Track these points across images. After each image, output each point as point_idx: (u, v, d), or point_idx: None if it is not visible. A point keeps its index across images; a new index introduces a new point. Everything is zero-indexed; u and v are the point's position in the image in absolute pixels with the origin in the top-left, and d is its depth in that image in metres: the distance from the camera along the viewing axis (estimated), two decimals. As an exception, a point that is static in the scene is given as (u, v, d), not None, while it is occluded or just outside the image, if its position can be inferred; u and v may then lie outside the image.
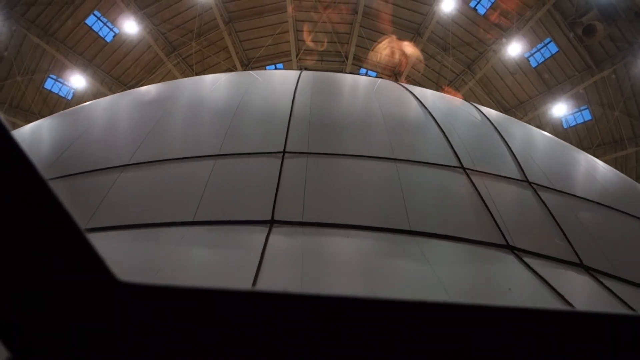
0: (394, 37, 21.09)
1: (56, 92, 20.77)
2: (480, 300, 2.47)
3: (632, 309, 3.47)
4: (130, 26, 19.93)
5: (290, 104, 5.69)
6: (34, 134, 6.21)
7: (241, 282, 2.91)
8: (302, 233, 3.73)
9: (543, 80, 21.14)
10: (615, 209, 5.03)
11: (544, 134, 7.50)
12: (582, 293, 3.66)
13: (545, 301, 3.27)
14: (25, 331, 0.58)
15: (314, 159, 4.73)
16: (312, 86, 6.71)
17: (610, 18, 18.17)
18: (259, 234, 3.62)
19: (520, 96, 21.86)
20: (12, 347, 0.58)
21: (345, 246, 3.64)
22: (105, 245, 3.57)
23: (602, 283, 3.79)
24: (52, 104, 20.65)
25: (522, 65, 21.22)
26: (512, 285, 3.47)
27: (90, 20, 19.85)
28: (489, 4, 20.40)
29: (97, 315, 0.61)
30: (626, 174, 10.71)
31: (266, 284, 2.95)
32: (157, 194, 4.35)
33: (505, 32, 20.59)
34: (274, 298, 0.62)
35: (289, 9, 20.46)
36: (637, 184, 6.57)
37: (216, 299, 0.61)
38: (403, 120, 6.07)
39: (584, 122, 21.13)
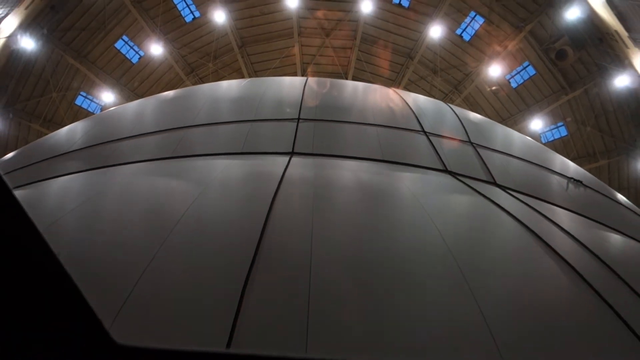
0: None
1: (85, 107, 23.14)
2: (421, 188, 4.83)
3: (524, 203, 5.53)
4: (155, 49, 22.43)
5: (302, 93, 7.88)
6: (116, 113, 8.42)
7: (275, 176, 4.93)
8: (313, 157, 5.85)
9: (522, 100, 23.48)
10: (525, 160, 7.26)
11: (494, 122, 9.70)
12: (493, 194, 5.71)
13: (467, 195, 5.36)
14: None
15: (320, 122, 6.88)
16: (318, 83, 8.90)
17: (579, 43, 20.55)
18: (284, 157, 5.73)
19: (502, 113, 24.17)
20: None
21: (340, 162, 5.75)
22: (189, 163, 5.68)
23: (506, 192, 5.90)
24: (82, 119, 22.91)
25: (503, 86, 23.63)
26: (443, 184, 5.56)
27: (119, 44, 22.40)
28: (473, 32, 22.95)
29: None
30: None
31: (292, 175, 5.00)
32: (215, 139, 6.47)
33: (488, 56, 23.06)
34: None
35: (296, 35, 23.09)
36: (544, 148, 8.80)
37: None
38: (384, 103, 8.25)
39: (561, 138, 23.33)
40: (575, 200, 6.62)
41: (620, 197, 8.25)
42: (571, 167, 8.38)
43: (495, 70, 23.01)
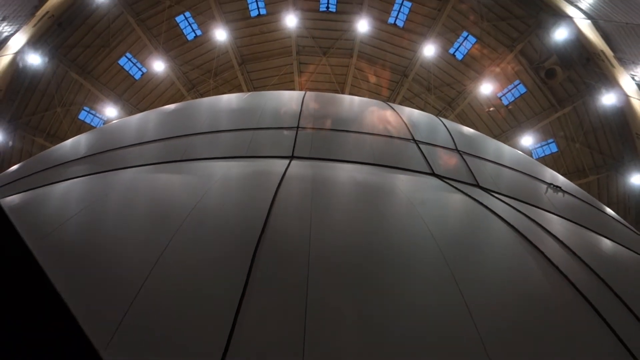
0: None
1: (89, 122, 23.71)
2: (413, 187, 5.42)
3: (503, 202, 6.06)
4: (157, 65, 23.15)
5: (300, 104, 8.44)
6: (120, 125, 8.96)
7: (277, 174, 5.44)
8: (311, 160, 6.38)
9: (514, 116, 24.19)
10: (507, 166, 7.81)
11: (481, 134, 10.28)
12: (475, 194, 6.24)
13: (451, 194, 5.88)
14: None
15: (318, 131, 7.44)
16: (316, 96, 9.48)
17: (568, 63, 21.32)
18: (285, 160, 6.26)
19: (494, 130, 24.86)
20: None
21: (336, 164, 6.29)
22: (194, 164, 6.18)
23: (489, 192, 6.43)
24: (85, 133, 23.47)
25: (495, 103, 24.36)
26: (430, 184, 6.09)
27: (122, 61, 23.11)
28: (466, 51, 23.76)
29: None
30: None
31: (292, 173, 5.51)
32: (219, 145, 7.00)
33: (480, 75, 23.84)
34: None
35: (294, 53, 23.88)
36: (529, 158, 9.38)
37: None
38: (378, 115, 8.82)
39: (551, 154, 23.99)
40: (553, 203, 7.15)
41: (604, 207, 8.75)
42: (552, 174, 8.93)
43: (487, 88, 23.78)
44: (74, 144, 8.39)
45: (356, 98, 10.51)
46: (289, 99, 9.46)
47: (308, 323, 2.72)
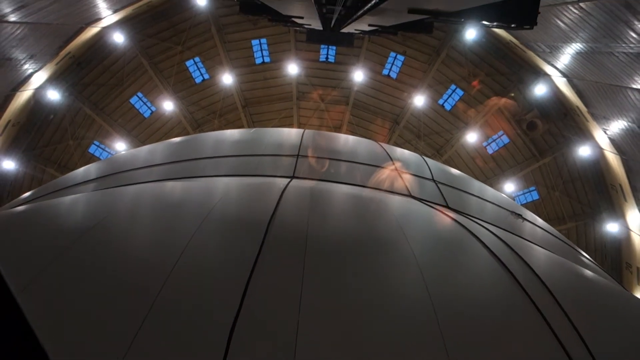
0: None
1: (98, 155, 25.03)
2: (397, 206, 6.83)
3: (467, 218, 7.32)
4: (166, 105, 24.79)
5: (300, 137, 9.81)
6: (129, 154, 10.28)
7: (279, 187, 6.71)
8: (310, 180, 7.67)
9: (498, 165, 25.75)
10: (474, 195, 9.11)
11: (456, 170, 11.65)
12: (447, 212, 7.51)
13: (423, 208, 7.16)
14: None
15: (315, 158, 8.77)
16: (314, 133, 10.86)
17: (547, 116, 23.04)
18: (286, 179, 7.55)
19: (479, 176, 26.32)
20: None
21: (329, 183, 7.58)
22: (207, 179, 7.43)
23: (457, 212, 7.71)
24: (93, 165, 24.70)
25: (480, 152, 25.98)
26: (406, 201, 7.36)
27: (133, 100, 24.73)
28: (454, 102, 25.59)
29: None
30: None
31: (293, 186, 6.79)
32: (225, 166, 8.29)
33: (467, 125, 25.57)
34: None
35: (294, 99, 25.66)
36: (504, 195, 10.66)
37: None
38: (369, 150, 10.20)
39: (533, 201, 25.37)
40: (519, 229, 8.40)
41: (574, 245, 9.88)
42: (513, 204, 10.23)
43: (473, 138, 25.45)
44: (86, 170, 9.20)
45: (350, 136, 11.92)
46: (290, 133, 10.85)
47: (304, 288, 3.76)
